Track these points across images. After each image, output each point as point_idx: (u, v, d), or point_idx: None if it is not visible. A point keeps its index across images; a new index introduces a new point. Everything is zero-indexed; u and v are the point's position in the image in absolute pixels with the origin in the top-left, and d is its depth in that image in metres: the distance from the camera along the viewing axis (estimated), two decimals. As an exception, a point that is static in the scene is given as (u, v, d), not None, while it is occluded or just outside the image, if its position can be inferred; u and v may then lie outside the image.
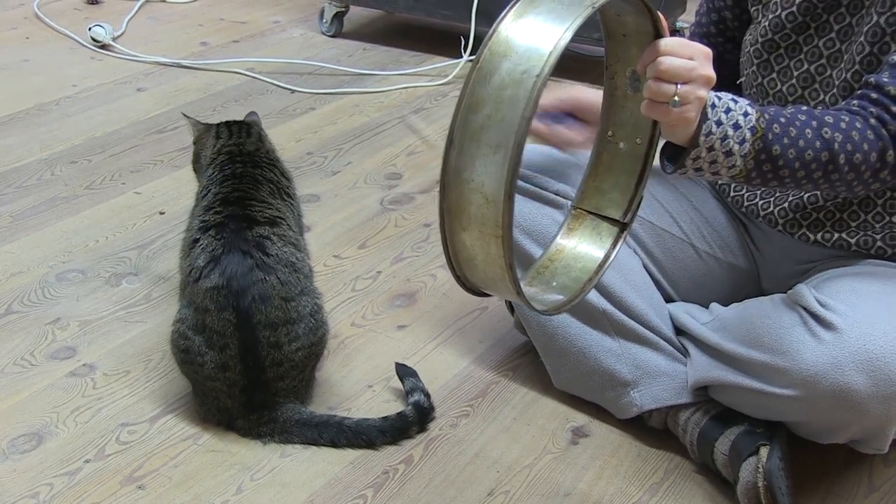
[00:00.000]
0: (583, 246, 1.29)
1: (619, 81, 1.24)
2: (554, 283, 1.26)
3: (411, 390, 1.62)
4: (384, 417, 1.57)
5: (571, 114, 1.50)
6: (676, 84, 1.15)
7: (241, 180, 1.63)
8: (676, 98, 1.15)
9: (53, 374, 1.70)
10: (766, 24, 1.47)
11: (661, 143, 1.28)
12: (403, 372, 1.67)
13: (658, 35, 1.16)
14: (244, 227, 1.53)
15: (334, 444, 1.55)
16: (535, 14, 1.06)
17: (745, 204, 1.59)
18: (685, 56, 1.16)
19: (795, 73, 1.45)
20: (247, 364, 1.50)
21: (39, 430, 1.57)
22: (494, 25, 1.06)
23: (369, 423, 1.56)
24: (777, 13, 1.45)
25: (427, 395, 1.61)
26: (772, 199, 1.54)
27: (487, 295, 1.19)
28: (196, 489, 1.48)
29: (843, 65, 1.41)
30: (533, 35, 1.04)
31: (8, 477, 1.48)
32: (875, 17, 1.35)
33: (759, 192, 1.56)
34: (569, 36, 1.02)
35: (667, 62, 1.15)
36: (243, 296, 1.48)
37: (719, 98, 1.22)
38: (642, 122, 1.25)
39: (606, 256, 1.28)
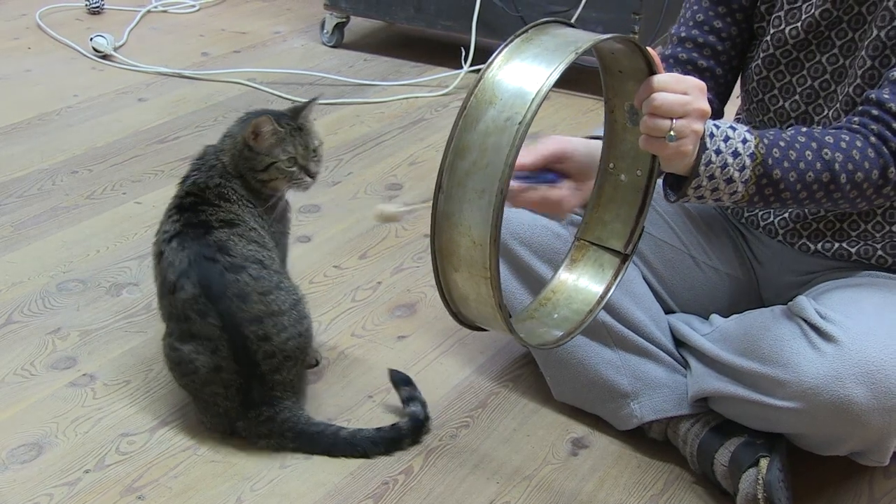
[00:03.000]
0: (585, 277, 1.32)
1: (619, 115, 1.26)
2: (555, 316, 1.28)
3: (408, 399, 1.62)
4: (378, 428, 1.57)
5: (552, 168, 1.33)
6: (672, 119, 1.16)
7: (194, 185, 1.62)
8: (672, 133, 1.16)
9: (53, 384, 1.70)
10: (769, 39, 1.47)
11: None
12: (398, 379, 1.66)
13: (651, 71, 1.18)
14: (202, 233, 1.54)
15: (329, 454, 1.55)
16: (520, 61, 1.08)
17: (745, 215, 1.59)
18: (679, 91, 1.17)
19: (799, 90, 1.45)
20: (240, 362, 1.51)
21: (39, 440, 1.57)
22: (481, 72, 1.09)
23: (364, 433, 1.56)
24: (780, 28, 1.45)
25: (423, 405, 1.61)
26: (772, 210, 1.54)
27: (485, 329, 1.20)
28: (196, 499, 1.47)
29: (847, 80, 1.41)
30: (517, 83, 1.07)
31: (8, 487, 1.48)
32: (875, 32, 1.36)
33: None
34: (551, 83, 1.05)
35: (661, 98, 1.16)
36: (221, 298, 1.49)
37: (717, 127, 1.23)
38: (642, 155, 1.27)
39: (607, 288, 1.30)
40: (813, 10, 1.42)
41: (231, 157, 1.62)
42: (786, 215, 1.52)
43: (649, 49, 1.17)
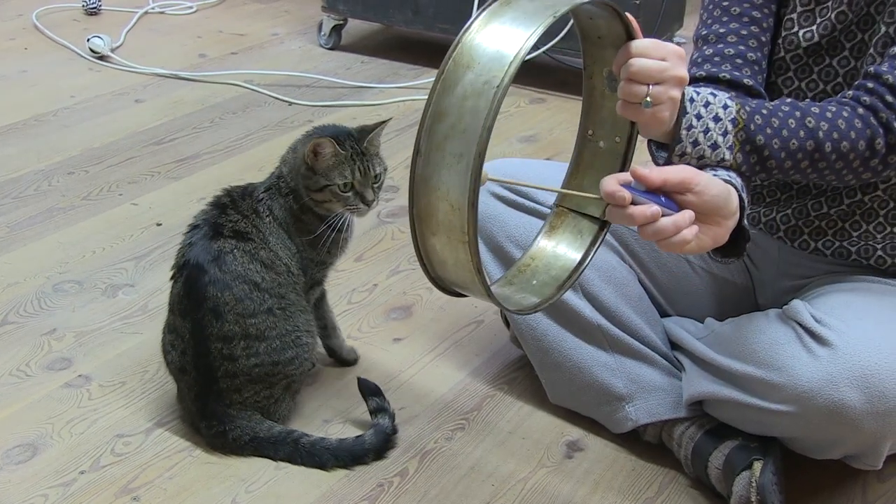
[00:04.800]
0: (563, 244, 1.31)
1: (597, 81, 1.26)
2: (534, 282, 1.27)
3: (376, 411, 1.59)
4: (341, 439, 1.55)
5: (673, 197, 1.16)
6: (648, 85, 1.17)
7: (245, 187, 1.62)
8: (648, 99, 1.17)
9: (49, 384, 1.70)
10: (780, 42, 1.45)
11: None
12: (366, 388, 1.61)
13: (630, 37, 1.18)
14: (211, 235, 1.53)
15: (291, 462, 1.54)
16: (498, 24, 1.08)
17: (747, 212, 1.58)
18: (657, 57, 1.17)
19: (810, 95, 1.44)
20: (199, 372, 1.52)
21: (34, 441, 1.57)
22: (459, 36, 1.09)
23: (324, 444, 1.54)
24: (793, 31, 1.44)
25: (391, 417, 1.58)
26: (774, 205, 1.54)
27: (463, 295, 1.20)
28: (191, 501, 1.48)
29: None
30: (494, 47, 1.07)
31: (3, 488, 1.48)
32: (884, 29, 1.36)
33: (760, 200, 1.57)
34: (529, 46, 1.05)
35: (638, 64, 1.16)
36: (199, 307, 1.50)
37: (698, 92, 1.23)
38: (621, 121, 1.27)
39: (585, 255, 1.29)
40: (829, 14, 1.41)
41: (290, 169, 1.59)
42: (788, 211, 1.52)
43: (628, 14, 1.16)
